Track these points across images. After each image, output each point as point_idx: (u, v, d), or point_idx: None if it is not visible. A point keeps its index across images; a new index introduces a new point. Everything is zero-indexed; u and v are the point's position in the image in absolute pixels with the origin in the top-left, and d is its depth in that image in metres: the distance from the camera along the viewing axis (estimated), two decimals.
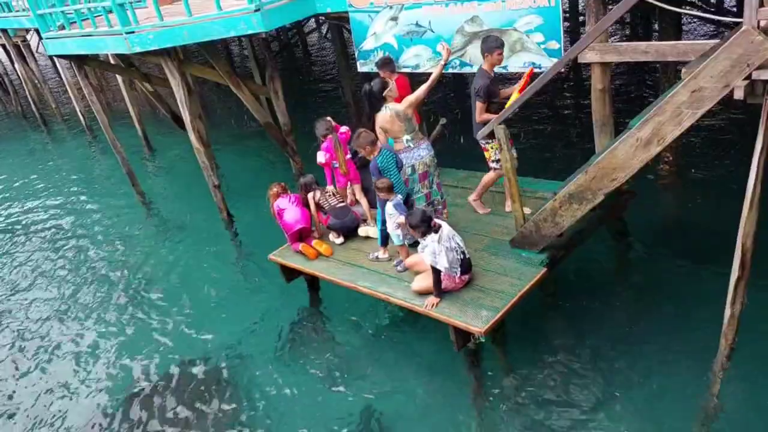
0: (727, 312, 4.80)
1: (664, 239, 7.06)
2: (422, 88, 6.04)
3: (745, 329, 4.84)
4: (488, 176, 6.39)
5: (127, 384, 6.75)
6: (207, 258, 9.10)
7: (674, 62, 6.69)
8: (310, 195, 6.83)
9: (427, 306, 5.31)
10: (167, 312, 7.93)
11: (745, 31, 3.87)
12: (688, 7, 10.72)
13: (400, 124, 5.87)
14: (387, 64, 7.00)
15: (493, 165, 6.23)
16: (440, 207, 6.36)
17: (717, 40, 4.71)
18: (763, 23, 3.95)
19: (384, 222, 5.97)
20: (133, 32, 8.24)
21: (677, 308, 5.86)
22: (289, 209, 6.74)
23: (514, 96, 5.56)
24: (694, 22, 14.29)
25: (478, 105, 5.93)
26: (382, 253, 6.22)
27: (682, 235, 7.05)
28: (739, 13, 4.03)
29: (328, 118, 7.01)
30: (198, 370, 6.70)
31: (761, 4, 3.85)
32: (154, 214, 11.38)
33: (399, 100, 6.13)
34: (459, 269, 5.30)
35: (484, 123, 5.84)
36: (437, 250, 5.13)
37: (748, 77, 3.98)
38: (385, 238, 6.12)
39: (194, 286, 8.39)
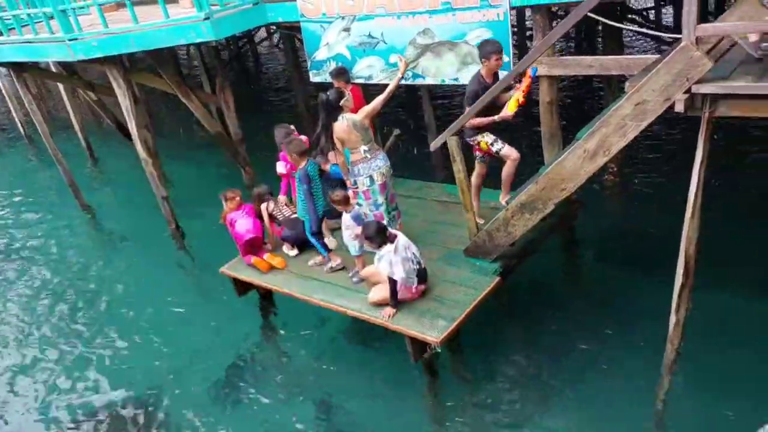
0: (672, 318, 4.95)
1: (612, 247, 7.27)
2: (379, 99, 6.04)
3: (690, 334, 5.01)
4: (505, 170, 6.09)
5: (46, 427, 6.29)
6: (154, 273, 8.82)
7: (618, 75, 6.93)
8: (263, 206, 6.75)
9: (384, 317, 5.29)
10: (107, 335, 7.57)
11: (684, 47, 4.03)
12: (629, 23, 11.14)
13: (357, 134, 5.86)
14: (342, 74, 6.99)
15: (493, 148, 5.96)
16: (395, 218, 6.36)
17: (658, 55, 4.89)
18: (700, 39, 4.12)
19: (312, 232, 6.04)
20: (76, 39, 7.97)
21: (626, 314, 6.03)
22: (241, 219, 6.62)
23: (514, 100, 5.46)
24: (637, 38, 14.85)
25: (467, 110, 5.71)
26: (334, 261, 6.18)
27: (629, 243, 7.27)
28: (678, 29, 4.19)
29: (291, 126, 6.95)
30: (136, 404, 6.32)
31: (698, 21, 4.02)
32: (99, 227, 11.00)
33: (354, 110, 6.13)
34: (415, 279, 5.32)
35: (475, 127, 5.78)
36: (394, 261, 5.13)
37: (688, 91, 4.15)
38: (324, 246, 6.14)
39: (139, 304, 8.09)
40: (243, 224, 6.57)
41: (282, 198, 6.97)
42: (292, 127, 6.99)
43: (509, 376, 5.68)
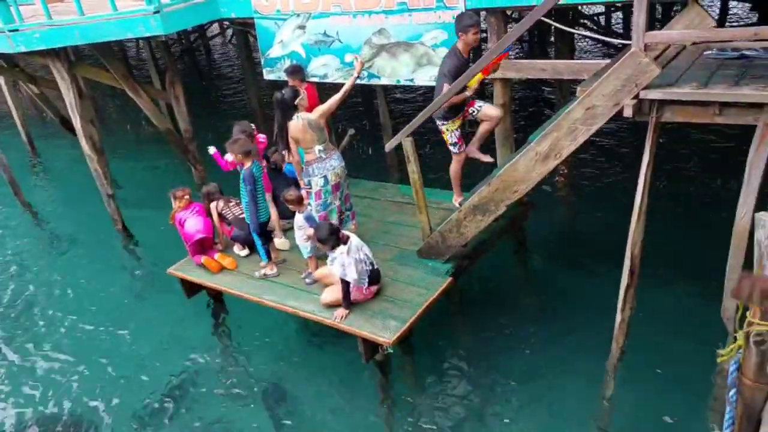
0: (618, 317, 5.08)
1: (561, 248, 7.42)
2: (335, 98, 5.97)
3: (634, 333, 5.14)
4: (453, 169, 6.07)
5: None
6: (98, 275, 8.47)
7: (569, 80, 7.08)
8: (212, 205, 6.60)
9: (337, 318, 5.24)
10: (43, 343, 7.21)
11: (633, 53, 4.13)
12: (581, 28, 11.39)
13: (312, 133, 5.78)
14: (297, 72, 6.90)
15: (451, 149, 5.94)
16: (349, 219, 6.32)
17: (608, 60, 5.00)
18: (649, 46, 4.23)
19: (260, 236, 5.94)
20: (17, 30, 7.63)
21: (573, 314, 6.15)
22: (190, 219, 6.45)
23: (476, 79, 5.31)
24: (588, 43, 15.22)
25: (445, 87, 5.41)
26: (269, 269, 6.10)
27: (578, 244, 7.43)
28: (627, 35, 4.29)
29: (252, 125, 6.82)
30: (73, 419, 5.96)
31: (647, 28, 4.12)
32: (41, 226, 10.55)
33: (309, 109, 6.05)
34: (367, 280, 5.29)
35: (451, 106, 5.56)
36: (346, 263, 5.08)
37: (636, 96, 4.25)
38: (267, 252, 6.05)
39: (81, 308, 7.76)
40: (193, 224, 6.41)
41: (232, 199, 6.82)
42: (253, 126, 6.85)
43: (460, 376, 5.71)
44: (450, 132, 5.82)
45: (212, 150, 6.75)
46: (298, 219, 5.67)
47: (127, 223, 9.26)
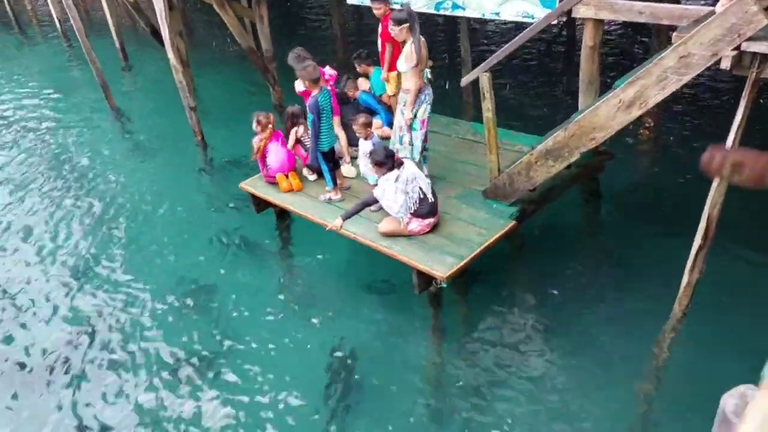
0: (685, 279, 4.91)
1: (635, 203, 7.13)
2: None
3: (698, 296, 4.97)
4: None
5: (82, 318, 6.54)
6: (177, 182, 8.92)
7: (668, 26, 6.59)
8: (293, 130, 6.64)
9: (329, 227, 5.47)
10: (128, 235, 7.77)
11: (741, 0, 3.79)
12: None
13: (425, 54, 5.62)
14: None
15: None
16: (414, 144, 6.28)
17: (713, 8, 4.62)
18: None
19: (326, 161, 5.98)
20: None
21: (638, 272, 5.98)
22: (276, 152, 6.47)
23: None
24: None
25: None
26: (334, 194, 6.18)
27: (653, 200, 7.12)
28: None
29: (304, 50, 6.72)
30: (170, 298, 6.55)
31: None
32: (127, 131, 11.09)
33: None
34: (407, 214, 5.30)
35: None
36: (389, 188, 5.16)
37: (737, 48, 3.94)
38: (333, 178, 6.10)
39: (161, 210, 8.22)
40: (277, 158, 6.44)
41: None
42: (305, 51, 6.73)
43: (510, 320, 5.70)
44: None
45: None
46: (365, 146, 5.69)
47: (205, 134, 9.58)
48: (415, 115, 5.74)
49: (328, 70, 6.48)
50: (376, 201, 5.26)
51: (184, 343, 5.91)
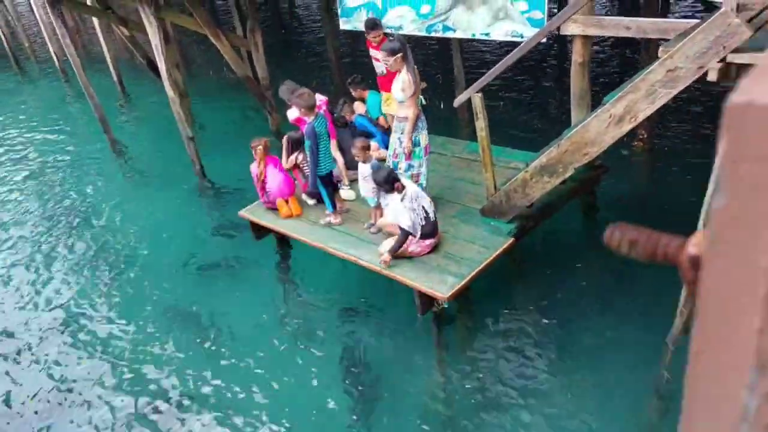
0: (685, 291, 4.92)
1: (633, 215, 7.13)
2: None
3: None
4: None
5: None
6: (176, 212, 8.97)
7: (657, 39, 6.69)
8: (293, 155, 6.71)
9: (380, 261, 5.37)
10: (127, 269, 7.79)
11: (724, 12, 3.87)
12: None
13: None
14: (377, 27, 6.84)
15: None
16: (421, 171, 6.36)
17: (697, 20, 4.71)
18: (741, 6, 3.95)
19: (325, 186, 6.04)
20: None
21: (638, 285, 5.99)
22: (274, 176, 6.56)
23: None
24: (682, 1, 14.24)
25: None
26: (333, 218, 6.22)
27: (651, 212, 7.14)
28: None
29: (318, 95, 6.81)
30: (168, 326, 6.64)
31: None
32: (126, 163, 11.18)
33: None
34: (418, 232, 5.33)
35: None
36: (399, 209, 5.16)
37: (723, 60, 4.00)
38: (333, 202, 6.15)
39: (160, 240, 8.28)
40: (276, 181, 6.52)
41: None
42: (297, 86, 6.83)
43: (513, 337, 5.71)
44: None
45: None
46: (364, 169, 5.75)
47: (204, 164, 9.66)
48: (418, 143, 5.78)
49: (319, 96, 6.58)
50: (409, 232, 5.27)
51: (180, 377, 5.91)
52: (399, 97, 5.58)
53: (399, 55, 5.44)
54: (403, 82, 5.48)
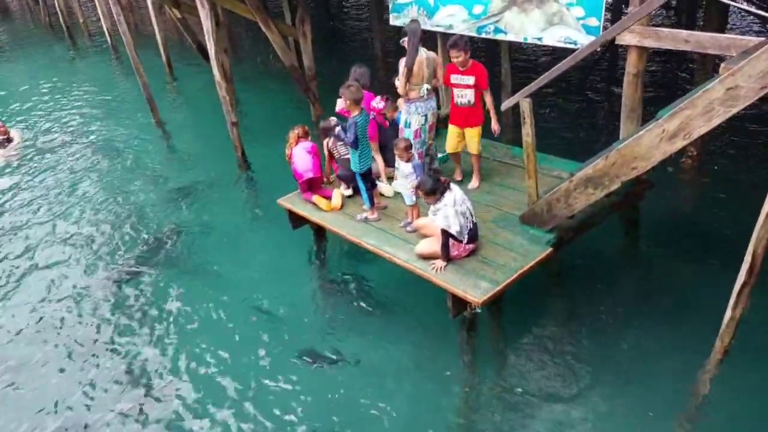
0: (728, 314, 4.77)
1: (676, 234, 6.99)
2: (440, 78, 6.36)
3: (741, 332, 4.83)
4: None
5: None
6: (216, 195, 9.10)
7: (713, 55, 6.49)
8: (324, 141, 6.76)
9: (434, 269, 5.30)
10: (168, 248, 7.95)
11: None
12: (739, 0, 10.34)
13: (426, 71, 6.07)
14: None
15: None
16: (436, 156, 6.64)
17: (762, 38, 4.55)
18: None
19: (364, 181, 6.04)
20: None
21: (678, 303, 5.85)
22: (300, 157, 6.66)
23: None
24: (741, 17, 13.81)
25: None
26: (371, 214, 6.21)
27: (695, 232, 6.97)
28: None
29: (367, 72, 6.78)
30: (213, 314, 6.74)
31: None
32: (169, 143, 11.37)
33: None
34: (466, 236, 5.28)
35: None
36: (450, 214, 5.11)
37: None
38: (371, 198, 6.16)
39: (199, 222, 8.41)
40: (302, 163, 6.61)
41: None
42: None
43: (544, 349, 5.62)
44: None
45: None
46: (405, 168, 5.72)
47: (246, 150, 9.75)
48: (408, 125, 6.28)
49: (377, 102, 6.53)
50: (450, 233, 5.23)
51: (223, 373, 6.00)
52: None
53: (404, 39, 6.05)
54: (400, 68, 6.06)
